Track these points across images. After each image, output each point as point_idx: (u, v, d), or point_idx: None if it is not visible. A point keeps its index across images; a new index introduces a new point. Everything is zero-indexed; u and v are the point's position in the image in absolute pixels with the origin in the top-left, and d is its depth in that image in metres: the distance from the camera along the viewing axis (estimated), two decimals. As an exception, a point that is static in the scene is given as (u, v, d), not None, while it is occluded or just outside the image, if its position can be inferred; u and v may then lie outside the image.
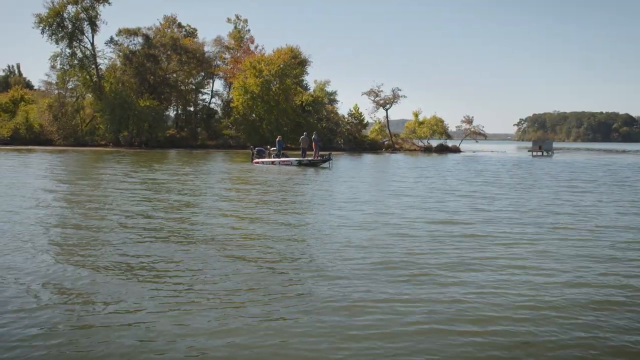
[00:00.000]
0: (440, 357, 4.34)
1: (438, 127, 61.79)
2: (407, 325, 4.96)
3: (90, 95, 56.67)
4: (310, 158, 28.20)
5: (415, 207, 12.78)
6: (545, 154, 56.65)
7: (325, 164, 27.31)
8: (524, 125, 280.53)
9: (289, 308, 5.40)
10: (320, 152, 29.04)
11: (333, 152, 31.65)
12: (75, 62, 54.34)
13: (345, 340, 4.62)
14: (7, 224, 9.66)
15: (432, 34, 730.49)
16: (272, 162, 27.93)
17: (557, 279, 6.51)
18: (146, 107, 53.45)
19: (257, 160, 28.81)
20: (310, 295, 5.82)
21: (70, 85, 57.08)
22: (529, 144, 68.20)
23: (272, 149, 29.59)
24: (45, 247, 7.95)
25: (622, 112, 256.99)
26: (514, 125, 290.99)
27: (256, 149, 30.02)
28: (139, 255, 7.44)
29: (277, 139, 30.13)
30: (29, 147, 49.58)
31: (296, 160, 27.91)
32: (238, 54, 61.60)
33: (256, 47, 63.86)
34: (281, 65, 55.21)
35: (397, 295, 5.83)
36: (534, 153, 56.88)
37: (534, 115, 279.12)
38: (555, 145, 76.22)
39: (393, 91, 61.53)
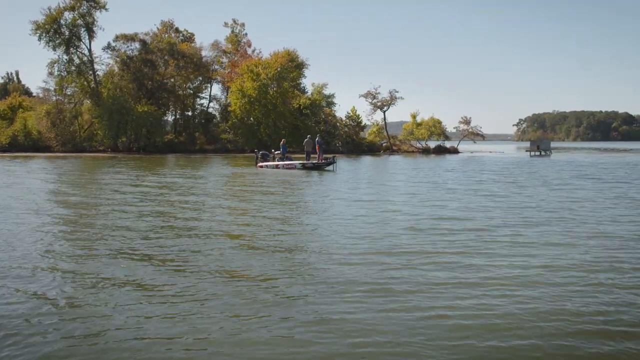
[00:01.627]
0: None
1: (436, 129, 63.61)
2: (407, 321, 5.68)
3: (88, 101, 58.20)
4: (314, 161, 29.79)
5: (419, 205, 14.51)
6: (543, 153, 58.58)
7: (330, 167, 28.82)
8: (524, 125, 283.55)
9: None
10: (324, 155, 30.63)
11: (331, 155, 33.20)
12: (73, 68, 55.93)
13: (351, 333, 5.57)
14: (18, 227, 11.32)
15: (430, 34, 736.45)
16: (277, 166, 29.48)
17: (559, 280, 7.25)
18: (144, 113, 54.98)
19: (261, 163, 30.39)
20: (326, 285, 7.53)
21: (68, 91, 58.76)
22: (528, 144, 70.18)
23: (277, 152, 31.23)
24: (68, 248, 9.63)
25: (621, 110, 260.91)
26: (513, 125, 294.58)
27: (260, 152, 31.57)
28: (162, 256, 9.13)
29: (281, 143, 31.78)
30: (27, 153, 50.95)
31: (300, 163, 29.51)
32: (235, 58, 63.32)
33: (253, 51, 65.78)
34: (278, 69, 56.93)
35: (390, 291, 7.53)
36: (532, 153, 58.78)
37: (534, 115, 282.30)
38: (553, 144, 78.22)
39: (390, 93, 63.43)
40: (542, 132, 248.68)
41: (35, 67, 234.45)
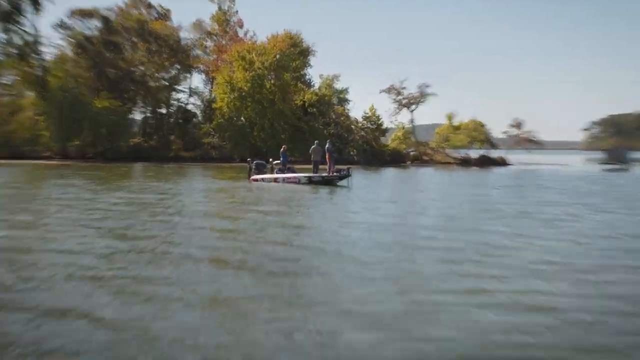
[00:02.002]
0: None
1: (478, 134, 63.74)
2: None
3: (31, 93, 58.74)
4: (324, 174, 29.76)
5: (457, 231, 14.72)
6: (620, 166, 58.66)
7: (343, 182, 28.81)
8: (596, 130, 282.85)
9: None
10: (336, 166, 30.56)
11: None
12: (13, 50, 56.46)
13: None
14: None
15: (467, 16, 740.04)
16: (275, 179, 29.66)
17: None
18: (104, 109, 55.52)
19: (255, 176, 30.55)
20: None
21: (4, 79, 59.29)
22: (600, 155, 70.25)
23: (276, 162, 31.28)
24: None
25: None
26: (582, 130, 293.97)
27: (254, 162, 31.68)
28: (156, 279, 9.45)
29: (282, 150, 31.78)
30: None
31: (305, 176, 29.59)
32: (223, 42, 64.07)
33: (246, 33, 66.51)
34: (277, 56, 57.41)
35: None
36: (606, 166, 58.95)
37: (610, 116, 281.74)
38: (635, 155, 78.05)
39: (419, 88, 63.87)
40: (618, 139, 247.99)
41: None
